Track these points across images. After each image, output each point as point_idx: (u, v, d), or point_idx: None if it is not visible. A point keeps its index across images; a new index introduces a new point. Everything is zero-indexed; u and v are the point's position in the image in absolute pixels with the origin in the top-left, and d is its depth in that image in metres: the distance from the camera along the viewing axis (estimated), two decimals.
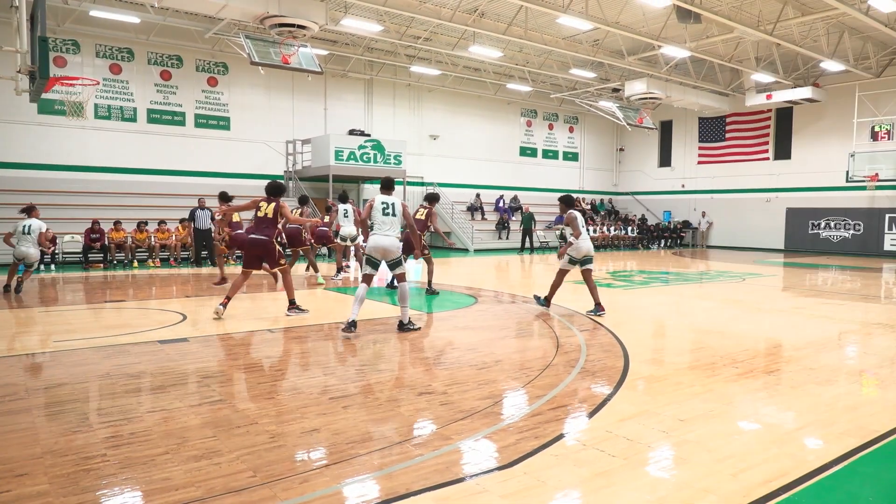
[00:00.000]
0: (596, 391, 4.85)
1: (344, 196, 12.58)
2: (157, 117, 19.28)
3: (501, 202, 26.20)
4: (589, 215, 27.65)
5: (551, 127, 29.41)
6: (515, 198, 26.77)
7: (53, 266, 14.98)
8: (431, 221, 10.38)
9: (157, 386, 4.88)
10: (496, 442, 3.74)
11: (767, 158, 26.31)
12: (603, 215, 28.89)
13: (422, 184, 23.75)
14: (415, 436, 3.86)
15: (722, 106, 25.60)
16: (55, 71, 16.00)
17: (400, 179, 22.17)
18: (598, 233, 25.93)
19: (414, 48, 20.94)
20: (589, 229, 8.70)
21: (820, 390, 4.98)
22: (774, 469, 3.39)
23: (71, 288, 11.42)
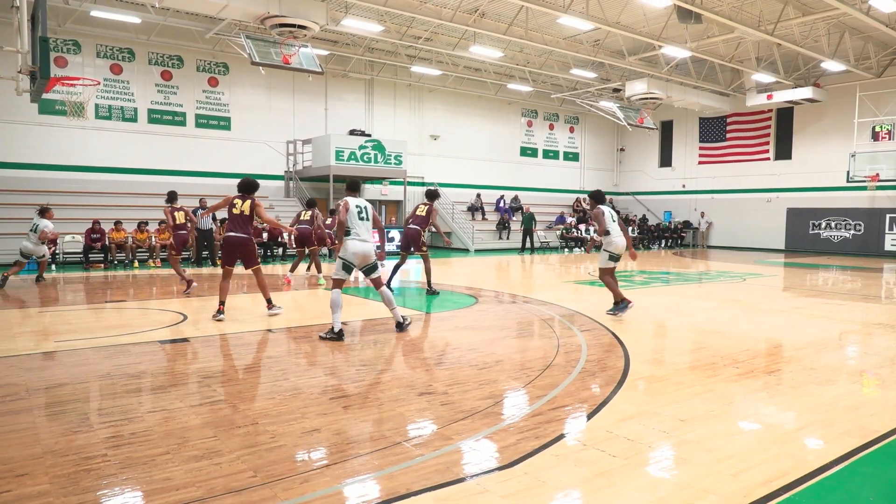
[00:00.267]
0: (596, 391, 4.85)
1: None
2: (158, 117, 19.29)
3: (502, 202, 26.18)
4: (590, 215, 27.59)
5: (552, 127, 29.39)
6: (516, 198, 26.75)
7: (54, 266, 15.00)
8: (432, 218, 10.40)
9: (158, 386, 4.89)
10: (497, 442, 3.74)
11: (768, 158, 26.30)
12: None
13: (422, 184, 23.74)
14: (415, 436, 3.86)
15: (722, 106, 25.58)
16: (56, 71, 16.01)
17: (401, 179, 22.20)
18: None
19: (414, 48, 20.94)
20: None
21: (820, 390, 4.97)
22: (775, 469, 3.39)
23: (72, 288, 11.43)
